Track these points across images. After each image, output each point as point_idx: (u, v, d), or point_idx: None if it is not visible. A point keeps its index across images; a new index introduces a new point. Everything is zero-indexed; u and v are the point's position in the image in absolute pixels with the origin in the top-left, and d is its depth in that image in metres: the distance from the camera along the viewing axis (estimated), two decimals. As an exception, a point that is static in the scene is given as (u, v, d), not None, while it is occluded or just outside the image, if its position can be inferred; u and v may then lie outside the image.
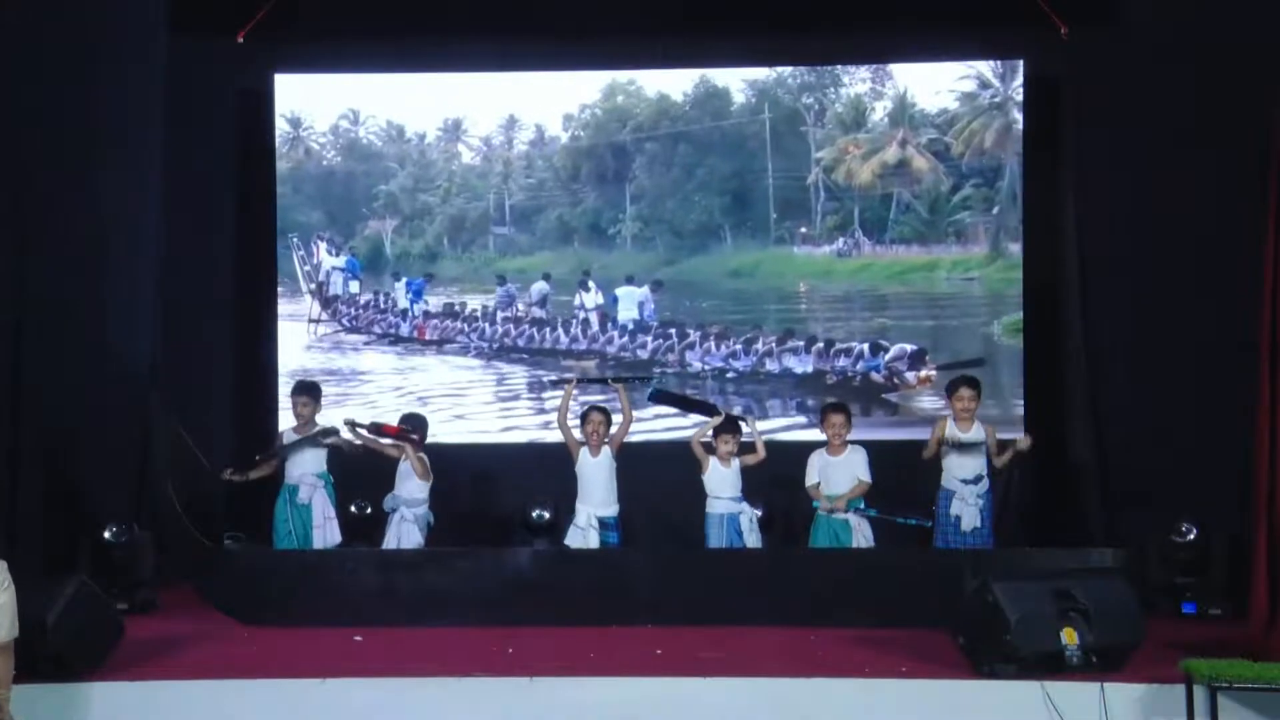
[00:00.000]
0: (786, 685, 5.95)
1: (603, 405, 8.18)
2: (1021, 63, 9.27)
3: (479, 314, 9.81)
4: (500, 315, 9.78)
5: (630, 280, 9.67)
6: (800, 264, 9.61)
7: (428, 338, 9.79)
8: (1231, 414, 7.21)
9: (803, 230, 9.59)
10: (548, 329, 9.73)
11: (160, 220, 8.32)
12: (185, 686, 6.05)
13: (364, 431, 8.02)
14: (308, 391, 8.30)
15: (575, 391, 8.29)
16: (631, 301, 9.61)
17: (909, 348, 9.37)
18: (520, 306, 9.75)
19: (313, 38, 9.24)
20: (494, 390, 9.71)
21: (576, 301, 9.72)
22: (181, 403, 8.45)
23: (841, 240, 9.56)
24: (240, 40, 8.88)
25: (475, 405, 9.66)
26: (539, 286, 9.77)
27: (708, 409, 8.24)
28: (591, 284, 9.69)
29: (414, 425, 8.14)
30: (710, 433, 7.98)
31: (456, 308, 9.84)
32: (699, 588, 7.22)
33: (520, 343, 9.76)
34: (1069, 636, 5.87)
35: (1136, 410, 8.32)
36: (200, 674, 6.18)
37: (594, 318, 9.66)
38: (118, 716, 5.91)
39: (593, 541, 7.63)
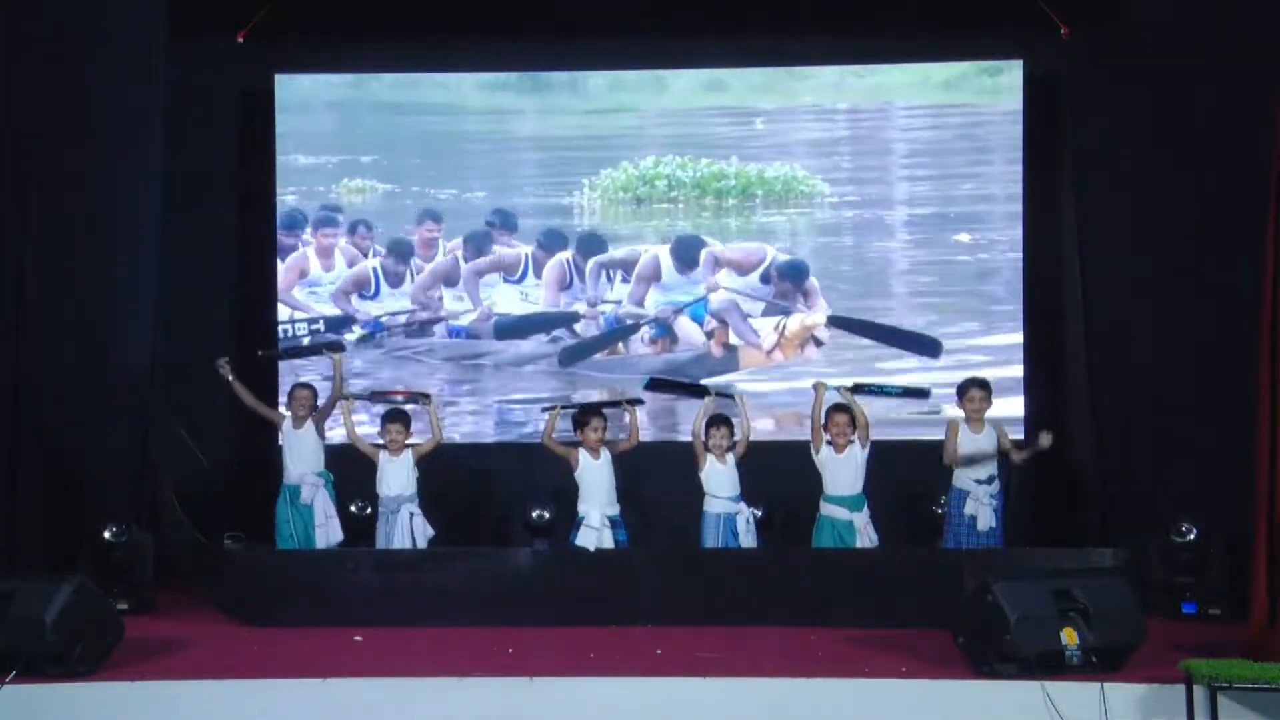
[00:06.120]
0: (786, 685, 5.94)
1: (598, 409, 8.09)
2: (1021, 63, 9.27)
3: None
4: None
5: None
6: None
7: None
8: (1231, 414, 7.22)
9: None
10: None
11: (160, 220, 8.32)
12: (185, 686, 6.04)
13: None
14: (308, 389, 8.29)
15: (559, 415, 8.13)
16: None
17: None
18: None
19: (313, 38, 9.24)
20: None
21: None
22: (181, 403, 8.45)
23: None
24: (240, 40, 8.89)
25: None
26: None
27: (698, 390, 8.19)
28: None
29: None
30: (704, 428, 7.89)
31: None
32: (699, 588, 7.22)
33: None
34: (1069, 636, 5.86)
35: (1136, 410, 8.32)
36: (200, 674, 6.16)
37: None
38: (118, 716, 5.90)
39: (607, 540, 7.63)
